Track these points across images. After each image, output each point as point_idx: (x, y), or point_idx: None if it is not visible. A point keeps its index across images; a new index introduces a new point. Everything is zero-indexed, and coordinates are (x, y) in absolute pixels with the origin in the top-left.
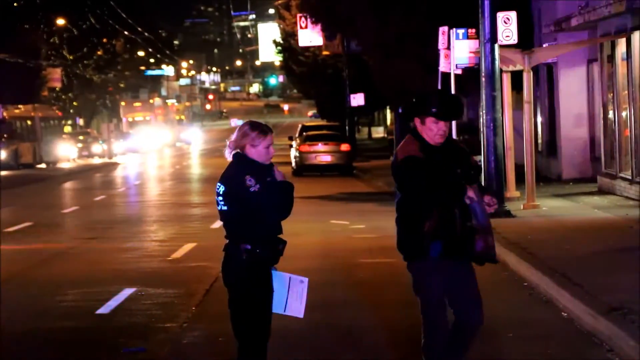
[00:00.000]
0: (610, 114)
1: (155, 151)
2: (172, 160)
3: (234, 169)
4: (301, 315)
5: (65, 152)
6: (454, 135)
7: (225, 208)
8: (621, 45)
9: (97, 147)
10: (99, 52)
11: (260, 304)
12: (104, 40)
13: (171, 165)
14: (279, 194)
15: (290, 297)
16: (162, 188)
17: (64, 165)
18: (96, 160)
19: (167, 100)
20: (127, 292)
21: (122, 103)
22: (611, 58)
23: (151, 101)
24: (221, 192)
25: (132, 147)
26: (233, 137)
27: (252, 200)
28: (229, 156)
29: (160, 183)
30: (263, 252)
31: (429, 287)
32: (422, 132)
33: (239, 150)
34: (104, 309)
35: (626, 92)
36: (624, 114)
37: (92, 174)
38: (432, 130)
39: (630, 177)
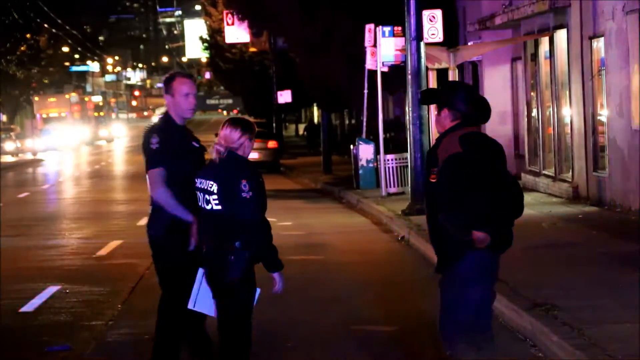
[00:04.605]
0: (534, 112)
1: (72, 149)
2: (95, 158)
3: (230, 169)
4: (212, 314)
5: None
6: (380, 132)
7: (219, 207)
8: (544, 44)
9: (10, 145)
10: (22, 48)
11: (245, 302)
12: (28, 35)
13: (96, 162)
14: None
15: (201, 291)
16: (87, 185)
17: None
18: (10, 159)
19: (89, 97)
20: (52, 289)
21: (36, 98)
22: (534, 56)
23: (67, 96)
24: (215, 191)
25: (49, 144)
26: (221, 133)
27: (241, 203)
28: (215, 155)
29: (85, 180)
30: (251, 250)
31: None
32: None
33: (231, 150)
34: (27, 307)
35: (549, 90)
36: (547, 111)
37: (12, 171)
38: None
39: (553, 175)
